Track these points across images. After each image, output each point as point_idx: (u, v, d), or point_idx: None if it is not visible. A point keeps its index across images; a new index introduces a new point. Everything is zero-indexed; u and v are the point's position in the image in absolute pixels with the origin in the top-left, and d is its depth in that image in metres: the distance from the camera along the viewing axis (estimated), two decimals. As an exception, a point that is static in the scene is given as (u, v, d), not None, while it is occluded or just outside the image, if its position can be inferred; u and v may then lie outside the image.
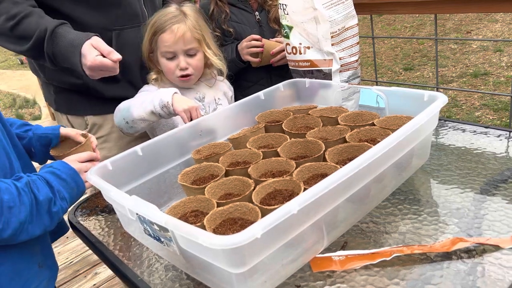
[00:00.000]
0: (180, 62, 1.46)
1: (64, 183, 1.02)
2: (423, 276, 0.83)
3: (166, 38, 1.44)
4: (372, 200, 1.04)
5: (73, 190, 1.04)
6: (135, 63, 1.58)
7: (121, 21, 1.53)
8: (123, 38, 1.54)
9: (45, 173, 1.01)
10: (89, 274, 2.66)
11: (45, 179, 0.99)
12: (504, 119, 3.66)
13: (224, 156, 1.17)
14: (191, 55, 1.48)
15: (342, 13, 1.43)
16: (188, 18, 1.46)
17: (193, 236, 0.74)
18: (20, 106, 6.40)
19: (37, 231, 0.96)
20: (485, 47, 5.18)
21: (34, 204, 0.93)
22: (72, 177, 1.03)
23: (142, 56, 1.54)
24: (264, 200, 0.96)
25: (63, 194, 1.00)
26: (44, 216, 0.96)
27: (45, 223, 0.97)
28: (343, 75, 1.50)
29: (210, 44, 1.52)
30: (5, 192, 0.89)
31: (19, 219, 0.90)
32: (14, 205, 0.90)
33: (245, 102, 1.41)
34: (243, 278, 0.77)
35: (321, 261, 0.91)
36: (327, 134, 1.20)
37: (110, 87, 1.57)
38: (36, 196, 0.94)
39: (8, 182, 0.92)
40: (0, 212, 0.88)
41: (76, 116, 1.65)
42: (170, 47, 1.45)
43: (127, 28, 1.55)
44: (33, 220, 0.93)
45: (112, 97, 1.57)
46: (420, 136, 1.07)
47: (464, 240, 0.88)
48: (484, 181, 1.08)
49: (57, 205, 0.98)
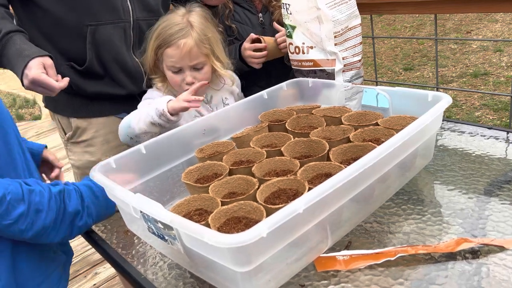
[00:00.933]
0: (186, 77, 1.42)
1: (97, 201, 1.05)
2: (428, 276, 0.83)
3: (172, 54, 1.38)
4: (376, 200, 1.05)
5: (102, 210, 1.07)
6: (113, 60, 1.52)
7: (98, 16, 1.44)
8: (99, 35, 1.46)
9: (82, 185, 1.05)
10: (89, 274, 2.65)
11: (80, 191, 1.02)
12: (504, 119, 3.66)
13: (228, 155, 1.17)
14: (198, 69, 1.43)
15: (345, 13, 1.43)
16: (195, 30, 1.39)
17: (199, 235, 0.74)
18: (20, 106, 6.39)
19: (57, 238, 0.98)
20: (485, 47, 5.18)
21: (61, 213, 0.96)
22: (105, 198, 1.04)
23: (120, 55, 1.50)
24: (268, 199, 0.96)
25: (91, 211, 1.04)
26: (67, 226, 0.99)
27: (66, 233, 0.99)
28: (346, 75, 1.50)
29: (219, 54, 1.47)
30: (38, 195, 0.92)
31: (44, 224, 0.93)
32: (43, 209, 0.92)
33: (249, 101, 1.41)
34: (248, 277, 0.77)
35: (326, 260, 0.91)
36: (331, 133, 1.20)
37: (93, 83, 1.53)
38: (66, 206, 0.97)
39: (44, 186, 0.95)
40: (27, 213, 0.90)
41: (62, 116, 1.62)
42: (176, 62, 1.40)
43: (104, 24, 1.46)
44: (56, 227, 0.96)
45: (95, 93, 1.53)
46: (424, 136, 1.07)
47: (469, 240, 0.88)
48: (488, 182, 1.08)
49: (82, 219, 1.02)
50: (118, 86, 1.56)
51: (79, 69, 1.49)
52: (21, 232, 0.91)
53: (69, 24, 1.41)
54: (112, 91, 1.56)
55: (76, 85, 1.50)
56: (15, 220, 0.89)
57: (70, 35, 1.45)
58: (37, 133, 5.11)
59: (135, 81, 1.58)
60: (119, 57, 1.52)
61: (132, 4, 1.51)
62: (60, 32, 1.44)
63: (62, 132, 1.66)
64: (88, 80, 1.52)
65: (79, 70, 1.49)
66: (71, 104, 1.58)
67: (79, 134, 1.61)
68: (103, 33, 1.46)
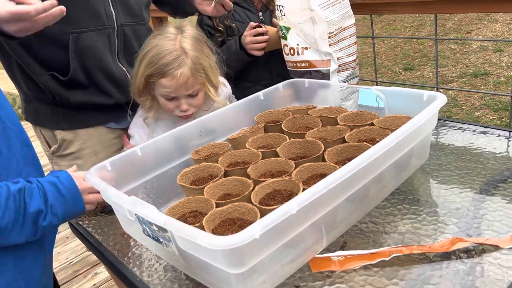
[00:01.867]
0: (182, 105, 1.37)
1: (62, 199, 0.99)
2: (422, 276, 0.82)
3: (168, 84, 1.32)
4: (371, 200, 1.04)
5: (69, 208, 1.01)
6: (97, 68, 1.45)
7: (80, 23, 1.38)
8: (82, 42, 1.39)
9: (46, 182, 0.98)
10: (89, 274, 2.66)
11: (44, 189, 0.96)
12: (504, 119, 3.66)
13: (223, 157, 1.17)
14: (193, 96, 1.38)
15: (338, 13, 1.43)
16: (189, 57, 1.32)
17: (192, 237, 0.74)
18: (20, 106, 6.39)
19: (20, 239, 0.93)
20: (485, 47, 5.18)
21: (21, 212, 0.91)
22: (73, 195, 1.01)
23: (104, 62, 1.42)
24: (263, 200, 0.96)
25: (56, 210, 0.97)
26: (29, 226, 0.93)
27: (30, 233, 0.94)
28: (341, 75, 1.50)
29: (213, 80, 1.40)
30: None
31: (0, 225, 0.87)
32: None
33: (245, 102, 1.41)
34: (242, 279, 0.77)
35: (320, 261, 0.91)
36: (327, 134, 1.20)
37: (77, 93, 1.46)
38: (26, 206, 0.91)
39: (2, 184, 0.90)
40: None
41: (45, 128, 1.54)
42: (171, 92, 1.34)
43: (88, 31, 1.40)
44: (16, 228, 0.90)
45: (80, 103, 1.47)
46: (420, 136, 1.07)
47: (463, 240, 0.88)
48: (484, 181, 1.08)
49: (47, 219, 0.95)
50: (104, 95, 1.50)
51: (62, 80, 1.42)
52: None
53: (49, 32, 1.27)
54: (98, 100, 1.50)
55: (59, 95, 1.44)
56: None
57: (51, 44, 1.38)
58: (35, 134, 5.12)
59: (121, 89, 1.51)
60: (103, 65, 1.46)
61: (116, 10, 1.45)
62: (40, 41, 1.35)
63: (46, 145, 1.58)
64: (72, 90, 1.45)
65: (62, 81, 1.42)
66: (55, 116, 1.51)
67: (65, 147, 1.54)
68: (86, 40, 1.40)
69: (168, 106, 1.39)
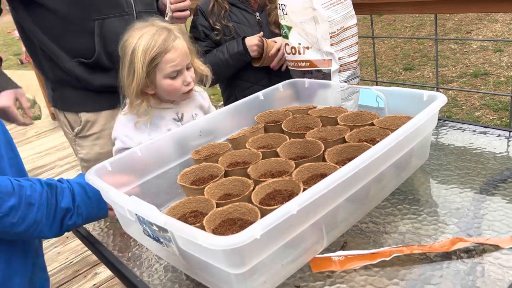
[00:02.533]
0: (186, 77, 1.39)
1: (88, 201, 1.04)
2: (423, 276, 0.82)
3: (173, 57, 1.35)
4: (372, 200, 1.04)
5: (93, 211, 1.06)
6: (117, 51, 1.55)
7: (103, 11, 1.52)
8: (106, 27, 1.53)
9: (76, 184, 1.04)
10: (89, 274, 2.66)
11: (73, 190, 1.02)
12: (504, 119, 3.66)
13: (224, 157, 1.17)
14: (189, 68, 1.41)
15: (341, 13, 1.43)
16: (175, 30, 1.39)
17: (193, 237, 0.74)
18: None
19: (49, 234, 0.98)
20: (485, 47, 5.18)
21: (53, 208, 0.96)
22: (98, 199, 1.04)
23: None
24: (263, 200, 0.96)
25: (82, 211, 1.02)
26: (57, 223, 0.98)
27: (57, 229, 0.99)
28: (342, 75, 1.50)
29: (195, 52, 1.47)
30: (28, 189, 0.92)
31: (35, 217, 0.92)
32: (34, 203, 0.92)
33: (245, 103, 1.41)
34: (243, 279, 0.77)
35: (321, 261, 0.91)
36: (327, 134, 1.20)
37: (100, 76, 1.58)
38: (58, 202, 0.97)
39: (34, 180, 0.95)
40: (18, 206, 0.90)
41: (71, 112, 1.67)
42: (177, 65, 1.36)
43: (111, 17, 1.54)
44: (48, 222, 0.96)
45: (102, 86, 1.58)
46: (420, 136, 1.07)
47: (464, 240, 0.88)
48: (484, 181, 1.08)
49: (72, 219, 1.01)
50: None
51: (87, 63, 1.55)
52: (13, 225, 0.90)
53: (75, 21, 1.48)
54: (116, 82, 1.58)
55: (84, 79, 1.57)
56: (6, 213, 0.88)
57: (77, 32, 1.51)
58: (37, 133, 5.11)
59: None
60: None
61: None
62: (67, 30, 1.51)
63: (69, 128, 1.70)
64: (95, 74, 1.58)
65: (87, 64, 1.55)
66: (80, 99, 1.64)
67: (88, 128, 1.67)
68: (110, 26, 1.53)
69: (175, 85, 1.39)
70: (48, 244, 2.97)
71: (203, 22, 1.84)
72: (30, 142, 4.90)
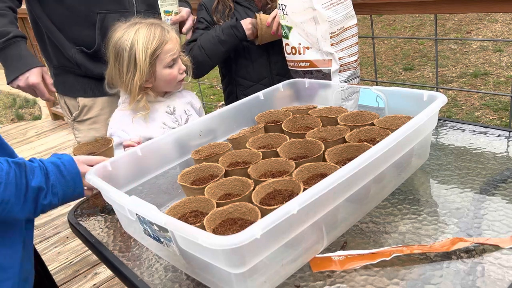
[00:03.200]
0: (181, 65, 1.49)
1: (63, 180, 1.02)
2: (423, 276, 0.83)
3: (171, 47, 1.43)
4: (372, 200, 1.04)
5: (69, 190, 1.03)
6: None
7: (106, 6, 1.63)
8: (107, 22, 1.60)
9: (49, 162, 1.02)
10: (89, 274, 2.65)
11: (46, 169, 0.99)
12: (504, 119, 3.66)
13: (224, 156, 1.17)
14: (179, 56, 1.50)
15: (341, 13, 1.43)
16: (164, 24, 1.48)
17: (193, 237, 0.74)
18: (20, 106, 6.40)
19: (21, 214, 0.95)
20: (485, 47, 5.18)
21: (23, 187, 0.93)
22: (73, 178, 1.03)
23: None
24: (263, 200, 0.96)
25: (57, 190, 1.00)
26: (30, 203, 0.96)
27: (30, 210, 0.97)
28: (342, 75, 1.50)
29: None
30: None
31: (3, 197, 0.89)
32: (1, 182, 0.89)
33: (245, 102, 1.41)
34: (243, 278, 0.77)
35: (321, 261, 0.91)
36: (327, 134, 1.20)
37: (99, 65, 1.65)
38: (28, 181, 0.94)
39: (1, 159, 0.92)
40: None
41: (70, 97, 1.78)
42: (175, 53, 1.45)
43: (112, 13, 1.63)
44: (18, 202, 0.93)
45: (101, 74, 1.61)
46: (420, 136, 1.07)
47: (464, 240, 0.88)
48: (484, 181, 1.08)
49: (47, 198, 0.98)
50: None
51: (87, 52, 1.66)
52: None
53: (80, 13, 1.60)
54: None
55: (84, 66, 1.68)
56: None
57: (81, 23, 1.63)
58: (37, 133, 5.11)
59: None
60: None
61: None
62: (72, 21, 1.62)
63: (69, 113, 1.82)
64: (95, 62, 1.67)
65: (88, 53, 1.66)
66: (79, 85, 1.75)
67: (85, 113, 1.78)
68: (111, 20, 1.58)
69: (173, 74, 1.46)
70: (48, 244, 2.97)
71: (206, 17, 1.84)
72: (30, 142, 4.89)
